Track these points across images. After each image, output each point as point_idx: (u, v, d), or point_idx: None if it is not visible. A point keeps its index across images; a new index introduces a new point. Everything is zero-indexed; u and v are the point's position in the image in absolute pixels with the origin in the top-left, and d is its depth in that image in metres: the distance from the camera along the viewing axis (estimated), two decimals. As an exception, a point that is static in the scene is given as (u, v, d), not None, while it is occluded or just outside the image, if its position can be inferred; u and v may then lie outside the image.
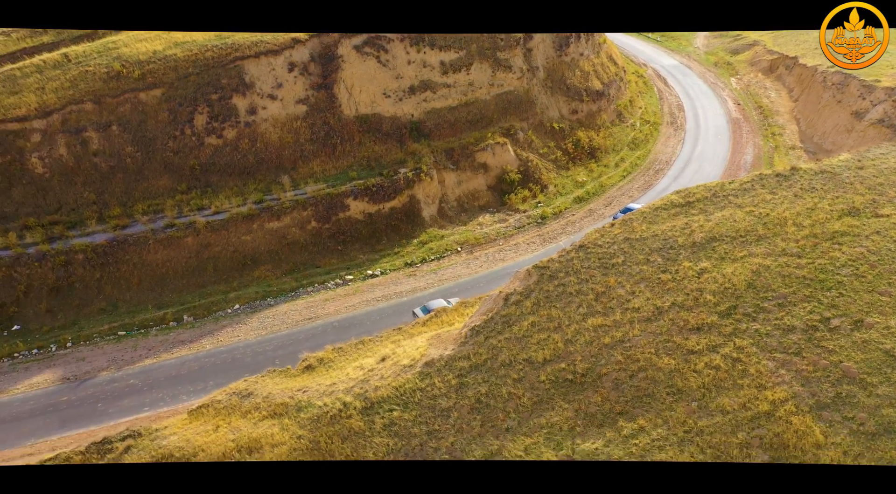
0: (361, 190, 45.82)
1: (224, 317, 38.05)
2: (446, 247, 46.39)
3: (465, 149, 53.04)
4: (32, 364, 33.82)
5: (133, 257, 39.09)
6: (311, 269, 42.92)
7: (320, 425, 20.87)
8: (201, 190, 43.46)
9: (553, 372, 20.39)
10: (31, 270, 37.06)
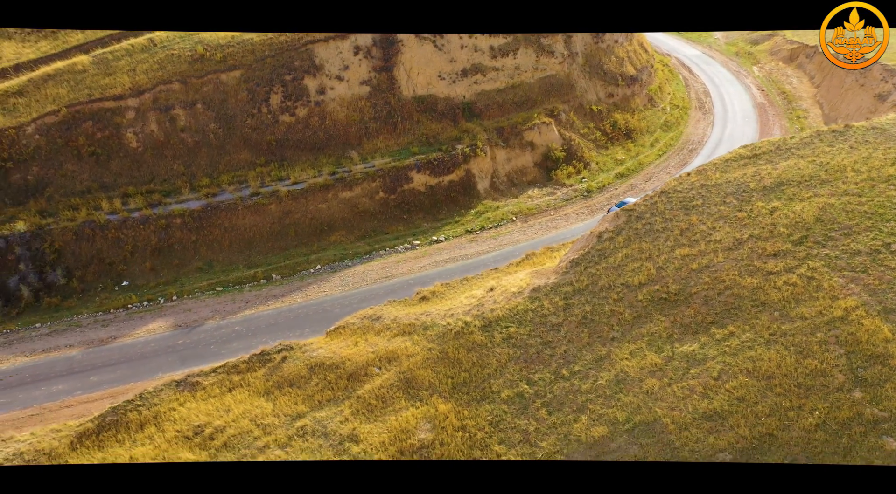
0: (423, 163, 49.24)
1: (308, 276, 41.56)
2: (502, 217, 49.75)
3: (514, 128, 56.38)
4: (146, 313, 37.40)
5: (224, 222, 42.66)
6: (380, 235, 46.37)
7: (446, 339, 24.26)
8: (278, 163, 47.03)
9: (648, 292, 23.70)
10: (136, 233, 40.67)
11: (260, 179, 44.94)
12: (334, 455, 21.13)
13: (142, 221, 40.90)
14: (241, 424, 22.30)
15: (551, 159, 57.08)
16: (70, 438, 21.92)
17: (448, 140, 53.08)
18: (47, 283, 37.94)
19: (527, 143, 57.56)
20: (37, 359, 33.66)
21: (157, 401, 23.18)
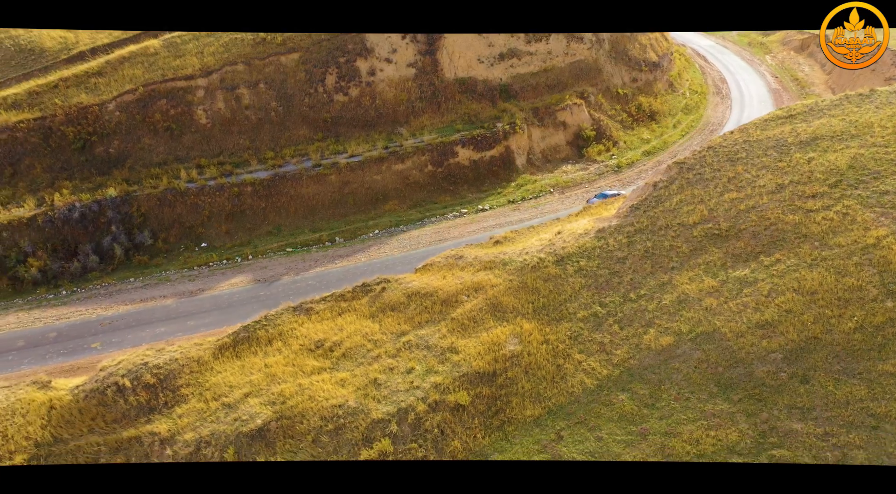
0: (467, 139, 52.65)
1: (368, 240, 45.05)
2: (540, 189, 53.16)
3: (548, 108, 59.73)
4: (226, 270, 40.95)
5: (290, 190, 46.17)
6: (430, 204, 49.82)
7: (524, 272, 27.71)
8: (334, 138, 50.52)
9: (703, 229, 27.11)
10: (212, 199, 44.21)
11: (320, 153, 48.48)
12: (438, 363, 24.63)
13: (217, 189, 44.50)
14: (354, 339, 25.83)
15: (582, 138, 60.49)
16: (211, 350, 25.51)
17: (488, 119, 56.49)
18: (136, 243, 41.54)
19: (560, 123, 60.97)
20: (138, 307, 37.26)
21: (279, 322, 26.75)
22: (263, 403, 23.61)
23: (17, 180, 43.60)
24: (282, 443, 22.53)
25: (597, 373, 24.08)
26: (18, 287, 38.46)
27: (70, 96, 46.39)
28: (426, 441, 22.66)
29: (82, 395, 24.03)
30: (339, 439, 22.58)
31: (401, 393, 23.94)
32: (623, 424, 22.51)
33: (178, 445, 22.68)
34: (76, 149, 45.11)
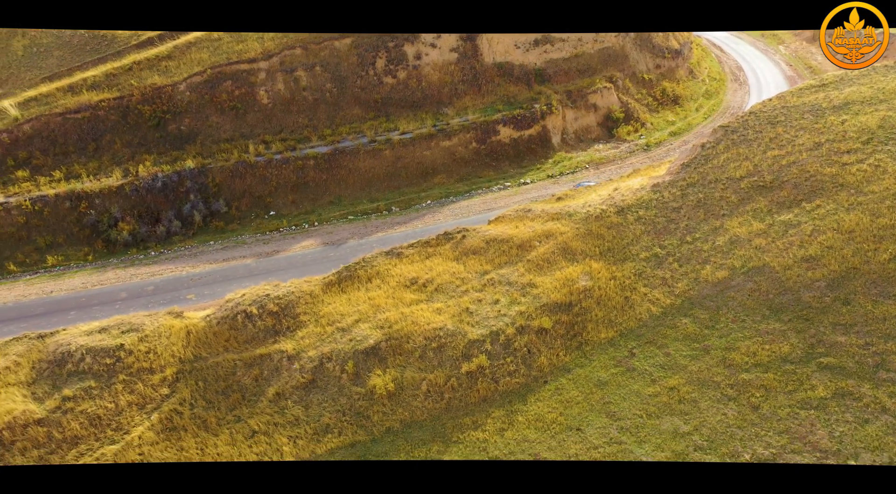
0: (508, 119, 56.05)
1: (422, 209, 48.49)
2: (576, 165, 56.52)
3: (580, 91, 63.09)
4: (296, 235, 44.44)
5: (348, 164, 49.60)
6: (475, 178, 53.22)
7: (589, 221, 31.10)
8: (385, 117, 53.95)
9: (749, 182, 30.43)
10: (279, 171, 47.69)
11: (374, 130, 51.90)
12: (520, 294, 27.98)
13: (282, 162, 47.95)
14: (443, 277, 29.21)
15: (612, 119, 63.83)
16: (320, 286, 28.93)
17: (525, 100, 59.86)
18: (212, 210, 45.01)
19: (591, 105, 64.31)
20: (221, 266, 40.75)
21: (375, 264, 30.16)
22: (372, 327, 27.07)
23: (101, 154, 47.14)
24: (392, 359, 25.98)
25: (661, 302, 27.47)
26: (112, 248, 42.04)
27: (144, 78, 49.94)
28: (516, 357, 26.09)
29: (215, 321, 27.53)
30: (442, 355, 26.02)
31: (491, 319, 27.36)
32: (687, 342, 25.90)
33: (304, 360, 26.16)
34: (152, 126, 48.69)
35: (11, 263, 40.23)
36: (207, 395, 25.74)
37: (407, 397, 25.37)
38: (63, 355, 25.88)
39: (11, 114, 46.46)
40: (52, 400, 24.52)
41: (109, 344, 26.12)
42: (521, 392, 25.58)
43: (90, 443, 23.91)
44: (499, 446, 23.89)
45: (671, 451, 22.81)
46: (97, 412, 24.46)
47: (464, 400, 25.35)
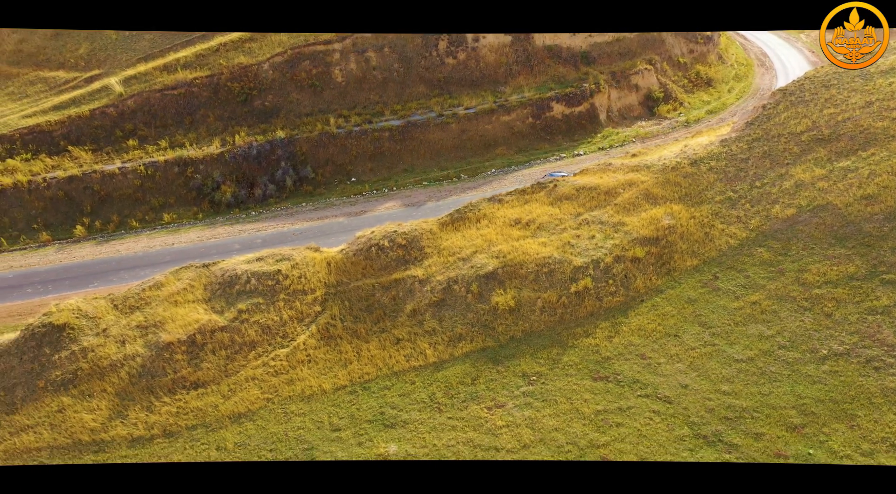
0: (561, 96, 60.15)
1: (487, 177, 52.65)
2: (623, 139, 60.58)
3: (623, 72, 67.10)
4: (378, 198, 48.69)
5: (419, 136, 53.78)
6: (532, 150, 57.34)
7: (666, 172, 35.18)
8: (448, 94, 58.11)
9: (809, 136, 34.44)
10: (357, 142, 51.91)
11: (440, 106, 56.08)
12: (612, 231, 32.03)
13: (360, 134, 52.16)
14: (543, 218, 33.35)
15: (652, 98, 67.83)
16: (436, 225, 33.12)
17: (573, 80, 63.93)
18: (301, 176, 49.25)
19: (633, 85, 68.33)
20: (317, 223, 45.00)
21: (480, 208, 34.33)
22: (488, 257, 31.23)
23: (197, 126, 51.41)
24: (509, 282, 30.13)
25: (737, 236, 31.54)
26: (216, 208, 46.33)
27: (231, 58, 54.18)
28: (616, 280, 30.20)
29: (351, 253, 31.73)
30: (552, 278, 30.16)
31: (590, 250, 31.49)
32: (764, 267, 29.97)
33: (433, 283, 30.34)
34: (240, 101, 52.95)
35: (133, 220, 44.62)
36: (353, 312, 29.96)
37: (525, 312, 29.54)
38: (231, 278, 30.15)
39: (116, 90, 50.80)
40: (229, 312, 28.78)
41: (268, 269, 30.39)
42: (622, 308, 29.70)
43: (265, 347, 28.19)
44: (608, 349, 28.03)
45: (758, 349, 26.89)
46: (267, 322, 28.72)
47: (574, 314, 29.51)
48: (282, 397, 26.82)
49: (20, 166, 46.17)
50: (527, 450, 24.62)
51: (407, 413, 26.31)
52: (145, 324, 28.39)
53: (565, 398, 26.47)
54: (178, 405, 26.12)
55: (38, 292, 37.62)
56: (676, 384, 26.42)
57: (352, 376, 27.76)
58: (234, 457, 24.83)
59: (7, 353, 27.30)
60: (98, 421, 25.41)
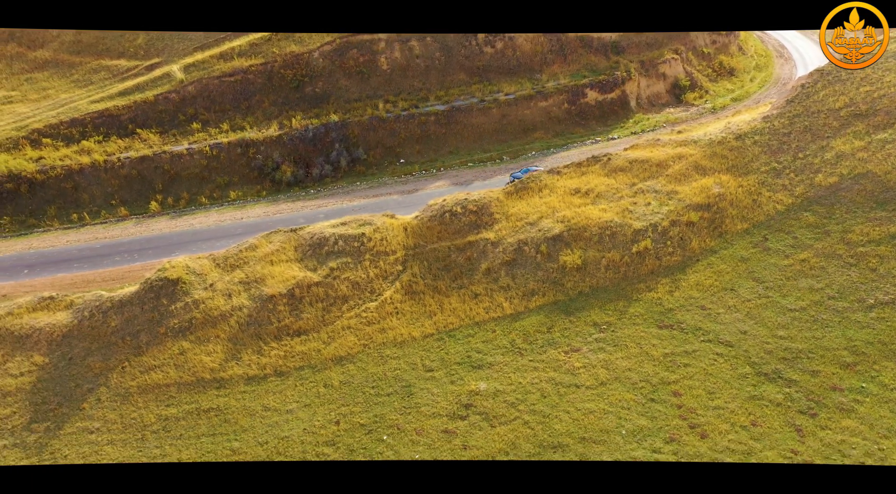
0: (594, 83, 62.62)
1: (528, 158, 55.14)
2: (654, 124, 62.99)
3: (651, 61, 69.52)
4: (428, 177, 51.25)
5: (462, 120, 56.31)
6: (568, 135, 59.81)
7: (712, 145, 37.72)
8: (487, 82, 60.61)
9: (847, 111, 36.93)
10: (405, 126, 54.48)
11: (481, 92, 58.59)
12: (667, 199, 34.51)
13: (408, 118, 54.72)
14: (600, 188, 35.89)
15: (679, 86, 70.23)
16: (502, 193, 35.71)
17: (605, 68, 66.37)
18: (353, 158, 51.82)
19: (660, 74, 70.76)
20: (373, 200, 47.58)
21: (541, 179, 36.92)
22: (554, 221, 33.81)
23: (253, 111, 54.04)
24: (575, 243, 32.70)
25: (783, 202, 34.03)
26: (277, 187, 48.92)
27: (283, 47, 56.78)
28: (673, 242, 32.73)
29: (425, 219, 34.34)
30: (615, 240, 32.70)
31: (647, 215, 34.02)
32: (810, 229, 32.46)
33: (504, 245, 32.92)
34: (292, 87, 55.54)
35: (202, 197, 47.22)
36: (432, 271, 32.55)
37: (591, 270, 32.08)
38: (320, 240, 32.75)
39: (178, 76, 53.42)
40: (322, 270, 31.39)
41: (353, 232, 32.98)
42: (680, 266, 32.23)
43: (356, 300, 30.80)
44: (670, 301, 30.57)
45: (809, 300, 29.41)
46: (356, 279, 31.32)
47: (636, 272, 32.04)
48: (376, 343, 29.45)
49: (95, 147, 48.89)
50: (604, 387, 27.21)
51: (491, 356, 28.89)
52: (247, 280, 31.07)
53: (635, 343, 29.03)
54: (284, 349, 28.78)
55: (126, 260, 40.33)
56: (736, 330, 28.96)
57: (437, 325, 30.37)
58: (340, 394, 27.49)
59: (130, 303, 30.02)
60: (216, 362, 28.11)
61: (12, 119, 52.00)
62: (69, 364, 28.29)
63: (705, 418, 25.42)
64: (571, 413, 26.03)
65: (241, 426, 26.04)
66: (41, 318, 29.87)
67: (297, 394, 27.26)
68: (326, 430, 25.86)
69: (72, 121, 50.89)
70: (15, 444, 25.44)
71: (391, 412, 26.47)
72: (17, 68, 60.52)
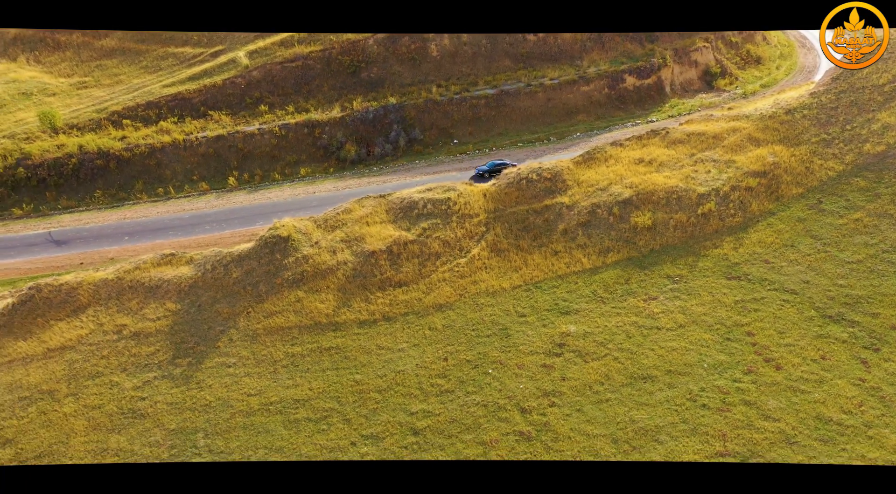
0: (633, 69, 65.34)
1: (574, 139, 57.94)
2: (689, 108, 65.70)
3: (683, 49, 72.20)
4: (481, 156, 54.15)
5: (511, 103, 59.11)
6: (609, 117, 62.57)
7: (763, 120, 40.43)
8: (531, 68, 63.41)
9: (891, 87, 39.72)
10: (457, 108, 57.35)
11: (527, 77, 61.40)
12: (725, 167, 37.23)
13: (460, 101, 57.57)
14: (662, 158, 38.69)
15: (710, 73, 72.92)
16: (571, 163, 38.52)
17: (640, 56, 69.11)
18: (411, 138, 54.70)
19: (693, 61, 73.44)
20: (433, 177, 50.44)
21: (605, 150, 39.71)
22: (623, 187, 36.64)
23: (314, 94, 56.97)
24: (644, 206, 35.54)
25: (834, 169, 36.75)
26: (342, 165, 51.87)
27: (340, 35, 59.63)
28: (734, 204, 35.52)
29: (503, 185, 37.22)
30: (681, 203, 35.49)
31: (709, 181, 36.79)
32: (862, 192, 35.23)
33: (579, 208, 35.77)
34: (349, 73, 58.43)
35: (275, 173, 50.20)
36: (513, 231, 35.40)
37: (661, 229, 34.88)
38: (410, 204, 35.65)
39: (243, 62, 56.34)
40: (415, 230, 34.28)
41: (440, 197, 35.88)
42: (742, 226, 35.00)
43: (447, 257, 33.67)
44: (736, 257, 33.35)
45: (865, 254, 32.17)
46: (446, 238, 34.19)
47: (702, 231, 34.83)
48: (471, 293, 32.30)
49: (173, 127, 51.81)
50: (683, 329, 30.01)
51: (577, 304, 31.71)
52: (347, 239, 33.93)
53: (707, 292, 31.81)
54: (389, 298, 31.64)
55: (215, 229, 43.26)
56: (799, 280, 31.72)
57: (524, 278, 33.20)
58: (444, 335, 30.35)
59: (248, 257, 32.91)
60: (329, 309, 30.98)
61: (91, 102, 55.07)
62: (199, 310, 31.28)
63: (778, 353, 28.20)
64: (656, 351, 28.85)
65: (360, 362, 28.95)
66: (167, 271, 32.84)
67: (406, 336, 30.14)
68: (437, 365, 28.76)
69: (147, 103, 53.96)
70: (163, 376, 28.44)
71: (493, 350, 29.33)
72: (85, 56, 63.58)
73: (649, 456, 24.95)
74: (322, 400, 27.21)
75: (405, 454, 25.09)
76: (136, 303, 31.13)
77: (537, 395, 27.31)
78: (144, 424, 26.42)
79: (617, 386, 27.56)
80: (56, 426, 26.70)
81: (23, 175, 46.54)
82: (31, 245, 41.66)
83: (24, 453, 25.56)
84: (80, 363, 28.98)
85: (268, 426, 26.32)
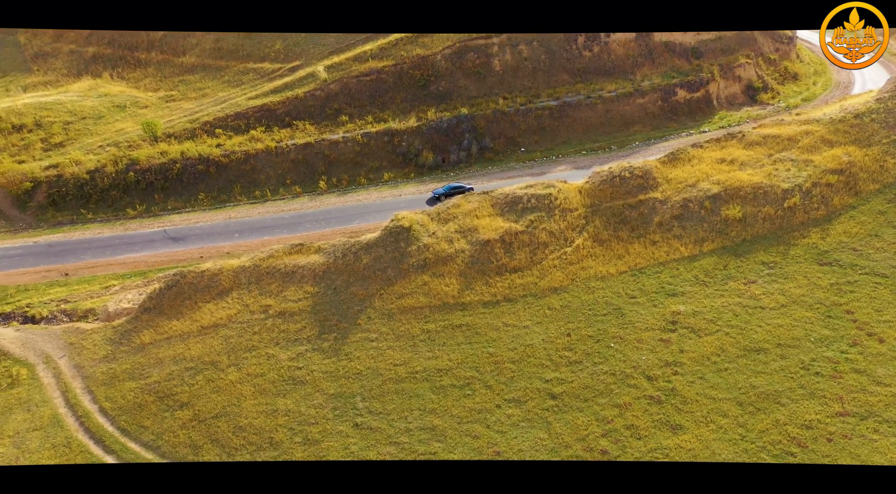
0: (683, 83, 68.64)
1: (633, 148, 60.89)
2: (738, 119, 68.72)
3: (728, 65, 75.63)
4: (549, 163, 57.16)
5: (572, 114, 62.29)
6: (663, 128, 65.63)
7: (834, 123, 43.41)
8: (587, 82, 66.74)
9: (952, 92, 42.33)
10: (523, 119, 60.57)
11: (585, 90, 64.71)
12: (804, 165, 39.82)
13: (525, 112, 60.79)
14: (741, 158, 41.45)
15: (752, 88, 76.18)
16: (658, 162, 41.24)
17: (687, 71, 72.50)
18: (482, 146, 57.82)
19: (736, 77, 76.78)
20: (505, 181, 53.34)
21: (688, 151, 42.48)
22: (710, 183, 39.31)
23: (388, 106, 60.40)
24: (732, 201, 38.14)
25: (908, 167, 39.28)
26: (420, 170, 54.97)
27: (409, 50, 63.32)
28: (817, 199, 38.04)
29: (597, 182, 39.94)
30: (767, 197, 38.04)
31: (790, 178, 39.39)
32: (937, 187, 37.68)
33: (671, 203, 38.40)
34: (419, 86, 61.90)
35: (361, 178, 53.23)
36: (612, 224, 38.00)
37: (750, 221, 37.39)
38: (514, 199, 38.43)
39: (322, 76, 59.89)
40: (522, 222, 36.95)
41: (542, 192, 38.64)
42: (826, 218, 37.48)
43: (555, 246, 36.25)
44: (824, 245, 35.75)
45: (948, 243, 34.45)
46: (551, 229, 36.81)
47: (789, 223, 37.32)
48: (581, 278, 34.77)
49: (263, 136, 55.10)
50: (785, 308, 32.30)
51: (682, 287, 34.10)
52: (461, 230, 36.61)
53: (802, 276, 34.15)
54: (507, 282, 34.14)
55: (315, 227, 46.04)
56: (888, 265, 34.03)
57: (628, 264, 35.68)
58: (563, 314, 32.72)
59: (375, 245, 35.59)
60: (454, 291, 33.48)
61: (182, 113, 58.59)
62: (335, 292, 33.82)
63: (879, 329, 30.39)
64: (763, 327, 31.11)
65: (490, 337, 31.32)
66: (299, 259, 35.51)
67: (529, 315, 32.53)
68: (561, 340, 31.10)
69: (236, 114, 57.42)
70: (314, 349, 30.86)
71: (611, 327, 31.67)
72: (167, 72, 67.45)
73: (773, 417, 27.13)
74: (462, 369, 29.56)
75: (547, 415, 27.38)
76: (276, 287, 33.77)
77: (660, 365, 29.57)
78: (306, 389, 28.81)
79: (732, 357, 29.79)
80: (225, 391, 29.10)
81: (133, 179, 50.01)
82: (151, 241, 44.83)
83: (202, 414, 27.98)
84: (235, 338, 31.48)
85: (417, 391, 28.65)
